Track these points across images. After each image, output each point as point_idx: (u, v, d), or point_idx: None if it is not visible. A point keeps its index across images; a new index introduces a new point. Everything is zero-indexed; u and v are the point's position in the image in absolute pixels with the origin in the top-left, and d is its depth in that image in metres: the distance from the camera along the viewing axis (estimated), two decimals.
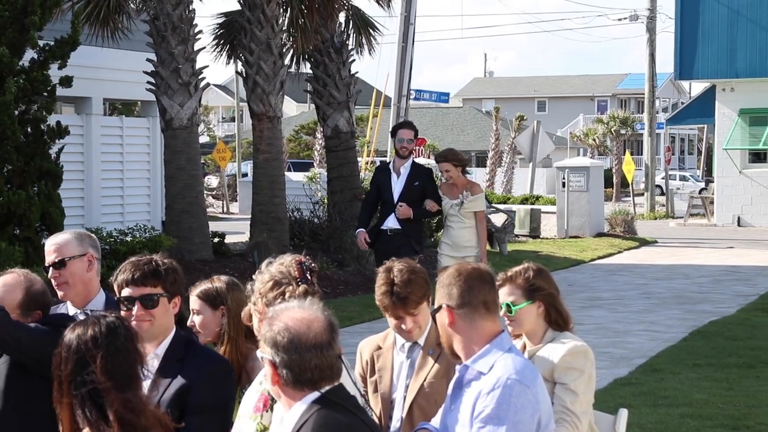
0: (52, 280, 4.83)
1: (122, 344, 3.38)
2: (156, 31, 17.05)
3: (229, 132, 71.63)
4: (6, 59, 13.54)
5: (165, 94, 17.00)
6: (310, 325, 3.29)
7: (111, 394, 3.28)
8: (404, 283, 4.54)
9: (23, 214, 13.63)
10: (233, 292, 4.77)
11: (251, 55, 17.82)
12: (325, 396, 3.27)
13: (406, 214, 10.97)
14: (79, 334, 3.36)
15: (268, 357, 3.30)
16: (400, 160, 11.17)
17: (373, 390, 4.78)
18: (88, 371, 3.30)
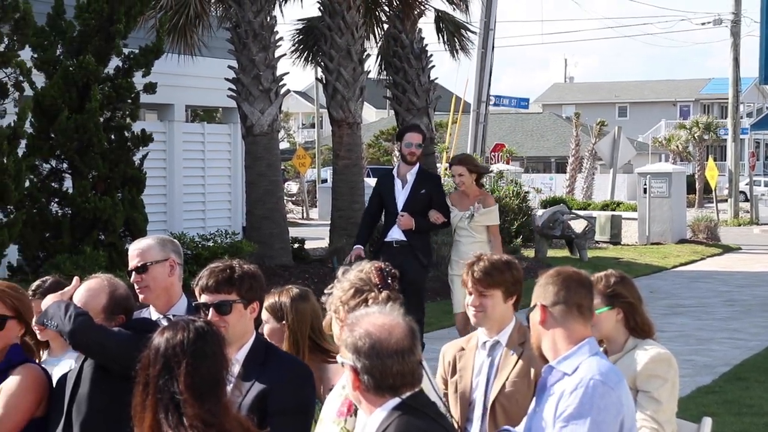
0: (134, 285, 4.89)
1: (210, 350, 3.40)
2: (237, 39, 17.21)
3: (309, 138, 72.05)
4: (92, 67, 13.78)
5: (246, 101, 17.15)
6: (391, 331, 3.29)
7: (188, 405, 3.30)
8: (489, 261, 4.64)
9: (108, 220, 13.85)
10: (297, 306, 4.79)
11: (331, 61, 17.89)
12: (405, 402, 3.26)
13: (407, 225, 10.00)
14: (168, 338, 3.39)
15: (349, 363, 3.30)
16: (406, 166, 10.20)
17: (453, 391, 4.77)
18: (172, 376, 3.33)
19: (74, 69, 13.89)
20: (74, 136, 13.65)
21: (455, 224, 9.93)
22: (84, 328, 4.28)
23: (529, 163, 59.54)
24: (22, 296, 4.62)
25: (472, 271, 4.65)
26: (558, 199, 29.27)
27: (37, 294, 4.96)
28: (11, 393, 4.41)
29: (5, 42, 12.66)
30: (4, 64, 12.65)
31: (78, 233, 13.82)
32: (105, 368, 4.31)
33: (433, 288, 16.48)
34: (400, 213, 9.98)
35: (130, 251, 4.94)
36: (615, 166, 32.13)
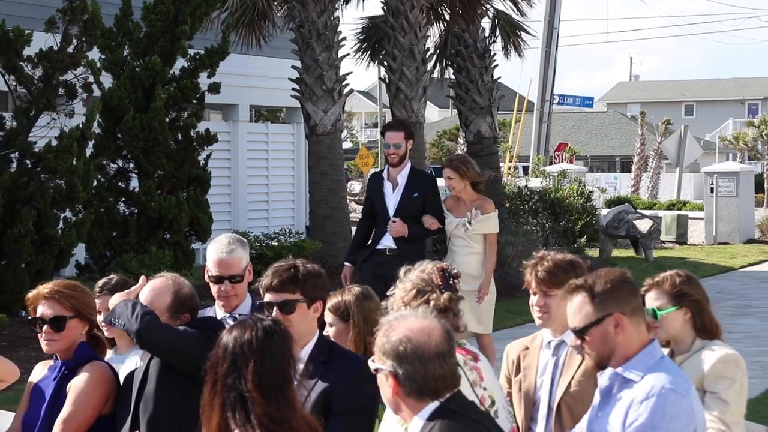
0: (219, 290, 4.94)
1: (277, 348, 3.42)
2: (301, 39, 17.28)
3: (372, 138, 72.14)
4: (158, 68, 13.93)
5: (309, 101, 17.21)
6: (430, 335, 3.26)
7: (256, 403, 3.31)
8: (553, 261, 4.58)
9: (173, 219, 13.98)
10: (362, 303, 4.77)
11: (394, 61, 17.89)
12: (445, 405, 3.24)
13: (399, 232, 9.03)
14: (236, 337, 3.40)
15: (387, 368, 3.27)
16: (394, 168, 9.21)
17: (517, 390, 4.75)
18: (240, 374, 3.34)
19: (141, 70, 14.05)
20: (140, 136, 13.80)
21: (450, 232, 9.02)
22: (150, 327, 4.32)
23: (593, 162, 59.07)
24: (81, 294, 4.67)
25: (536, 271, 4.61)
26: (623, 198, 29.02)
27: (104, 291, 5.02)
28: (80, 390, 4.47)
29: (74, 43, 12.84)
30: (73, 65, 12.83)
31: (144, 232, 13.98)
32: (171, 366, 4.34)
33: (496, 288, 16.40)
34: (392, 219, 9.05)
35: (223, 257, 4.99)
36: (681, 165, 31.77)
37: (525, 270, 4.71)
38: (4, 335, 11.40)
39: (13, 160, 12.79)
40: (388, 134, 9.18)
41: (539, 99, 33.05)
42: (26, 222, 12.30)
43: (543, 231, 20.44)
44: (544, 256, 4.65)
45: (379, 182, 9.29)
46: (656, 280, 4.52)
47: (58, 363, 4.62)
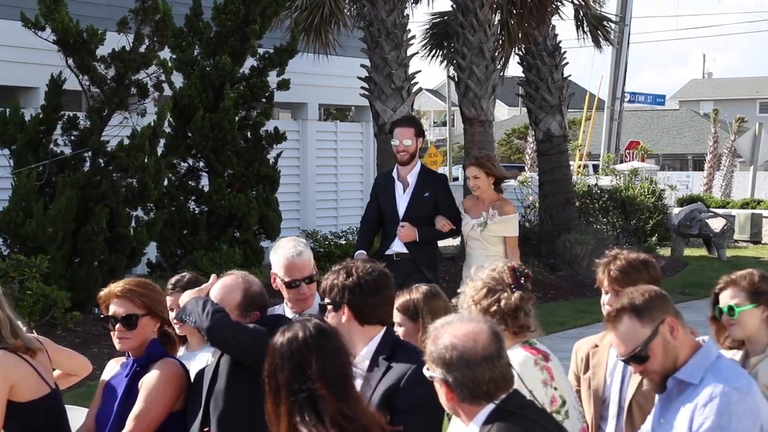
0: (298, 293, 4.97)
1: (332, 344, 3.42)
2: (370, 37, 17.30)
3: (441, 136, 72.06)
4: (228, 67, 14.03)
5: (378, 99, 17.22)
6: (476, 339, 3.24)
7: (327, 401, 3.31)
8: (626, 260, 4.54)
9: (243, 217, 14.08)
10: (430, 302, 4.74)
11: (463, 59, 17.84)
12: (501, 408, 3.22)
13: (409, 237, 8.51)
14: (290, 339, 3.40)
15: (439, 376, 3.26)
16: (404, 168, 8.72)
17: (586, 387, 4.70)
18: (305, 376, 3.34)
19: (211, 69, 14.17)
20: (210, 135, 13.92)
21: (466, 234, 8.50)
22: (221, 325, 4.35)
23: (665, 160, 58.41)
24: (152, 292, 4.71)
25: (608, 269, 4.57)
26: (695, 197, 28.63)
27: (176, 288, 5.06)
28: (151, 387, 4.51)
29: (146, 43, 12.98)
30: (145, 65, 12.98)
31: (214, 230, 14.09)
32: (241, 363, 4.36)
33: (566, 287, 16.31)
34: (401, 224, 8.51)
35: (300, 260, 5.05)
36: (756, 163, 31.28)
37: (597, 269, 4.67)
38: (78, 332, 11.55)
39: (86, 159, 12.96)
40: (397, 131, 8.64)
41: (610, 97, 32.74)
42: (99, 220, 12.46)
43: (613, 230, 20.26)
44: (617, 255, 4.61)
45: (388, 183, 8.74)
46: (732, 277, 4.45)
47: (130, 360, 4.67)
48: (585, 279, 16.25)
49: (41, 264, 11.47)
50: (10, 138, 12.61)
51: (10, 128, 12.59)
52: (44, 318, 11.10)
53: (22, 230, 12.07)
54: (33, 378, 4.62)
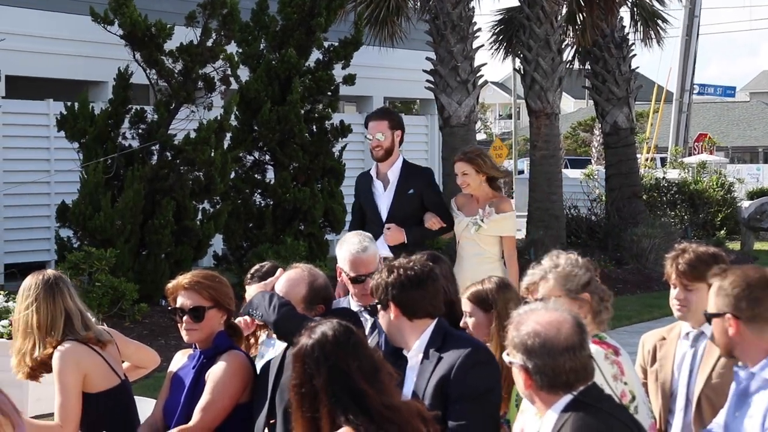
0: (363, 289, 4.98)
1: (360, 340, 3.46)
2: (435, 30, 17.26)
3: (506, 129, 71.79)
4: (293, 60, 14.08)
5: (443, 92, 17.18)
6: (559, 328, 3.23)
7: (369, 394, 3.31)
8: (695, 253, 4.47)
9: (308, 211, 14.12)
10: (503, 293, 4.70)
11: (529, 51, 17.74)
12: (579, 399, 3.21)
13: (396, 240, 7.54)
14: (321, 342, 3.42)
15: (519, 362, 3.25)
16: (382, 164, 7.85)
17: (653, 380, 4.65)
18: (344, 376, 3.34)
19: (276, 62, 14.22)
20: (276, 129, 13.98)
21: (459, 233, 7.66)
22: (287, 318, 4.37)
23: (734, 153, 57.58)
24: (219, 284, 4.73)
25: (677, 263, 4.51)
26: (765, 189, 28.20)
27: (255, 278, 5.09)
28: (218, 379, 4.54)
29: (213, 37, 13.07)
30: (212, 58, 13.07)
31: (279, 224, 14.16)
32: None
33: (633, 281, 16.18)
34: (386, 226, 7.60)
35: (364, 257, 5.08)
36: None
37: (665, 262, 4.61)
38: (145, 324, 11.68)
39: (153, 152, 13.09)
40: (370, 124, 7.83)
41: (678, 89, 32.38)
42: (166, 213, 12.58)
43: (681, 223, 20.04)
44: (686, 249, 4.54)
45: (367, 182, 7.87)
46: None
47: (197, 352, 4.70)
48: (652, 273, 16.09)
49: (110, 256, 11.61)
50: (80, 131, 12.77)
51: (80, 122, 12.76)
52: (112, 310, 11.23)
53: (91, 223, 12.22)
54: (103, 369, 4.67)
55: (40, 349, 4.64)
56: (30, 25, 14.81)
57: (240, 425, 4.55)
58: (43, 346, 4.64)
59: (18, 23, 14.30)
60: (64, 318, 4.65)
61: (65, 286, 4.71)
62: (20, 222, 14.86)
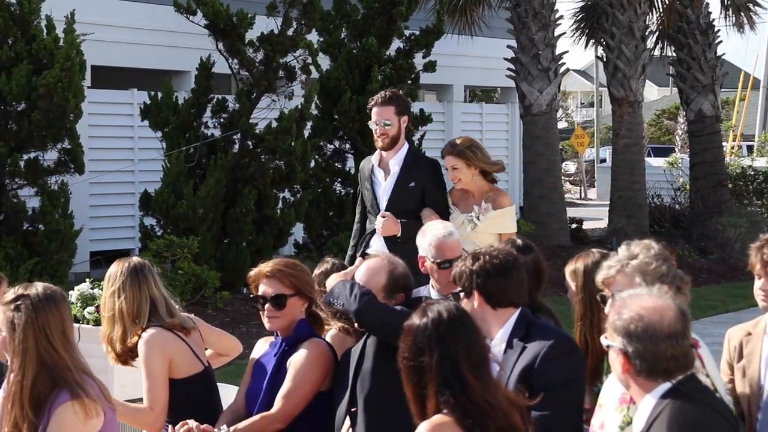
0: (446, 275, 4.97)
1: (474, 326, 3.44)
2: (517, 18, 17.17)
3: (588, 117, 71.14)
4: (374, 49, 14.10)
5: (525, 81, 17.09)
6: (663, 314, 3.20)
7: (473, 383, 3.30)
8: None
9: None
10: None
11: (612, 39, 17.56)
12: (677, 387, 3.17)
13: (389, 230, 6.99)
14: (435, 321, 3.39)
15: (618, 346, 3.22)
16: (387, 153, 7.23)
17: (741, 376, 4.56)
18: (452, 359, 3.33)
19: (357, 51, 14.25)
20: (356, 118, 14.00)
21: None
22: (368, 307, 4.37)
23: None
24: (301, 272, 4.75)
25: (762, 253, 4.42)
26: None
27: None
28: (299, 366, 4.56)
29: (294, 26, 13.13)
30: (292, 48, 13.13)
31: None
32: (388, 344, 4.37)
33: (717, 270, 15.96)
34: (381, 213, 7.07)
35: (450, 241, 5.09)
36: None
37: (750, 252, 4.52)
38: (227, 312, 11.79)
39: (235, 141, 13.20)
40: (375, 110, 7.17)
41: (766, 75, 31.82)
42: (248, 202, 12.68)
43: None
44: None
45: (369, 170, 7.31)
46: None
47: (278, 339, 4.73)
48: (738, 262, 15.83)
49: (192, 244, 11.74)
50: (163, 121, 12.93)
51: (163, 111, 12.92)
52: (195, 297, 11.35)
53: (173, 211, 12.37)
54: (188, 356, 4.72)
55: (127, 335, 4.71)
56: (115, 16, 15.03)
57: (321, 413, 4.56)
58: (130, 332, 4.70)
59: (103, 14, 14.51)
60: (149, 305, 4.71)
61: (150, 273, 4.77)
62: (105, 210, 15.09)
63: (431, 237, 5.13)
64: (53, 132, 11.34)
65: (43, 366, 3.71)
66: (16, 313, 3.75)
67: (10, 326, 3.76)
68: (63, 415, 3.67)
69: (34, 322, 3.72)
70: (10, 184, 11.50)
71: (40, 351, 3.72)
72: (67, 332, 3.82)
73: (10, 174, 11.39)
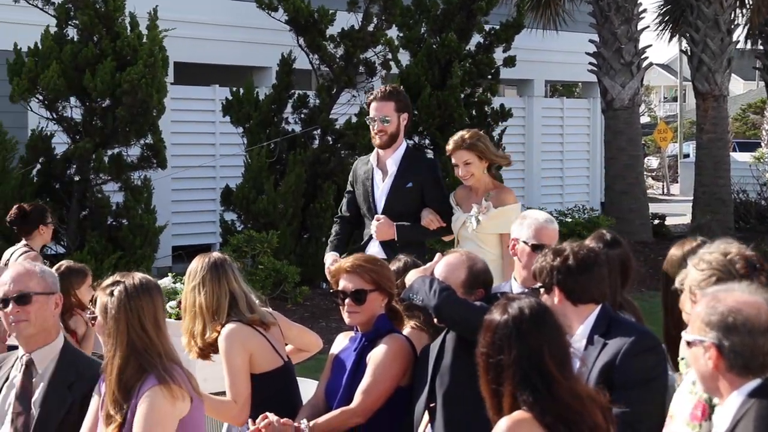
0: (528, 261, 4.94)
1: (556, 322, 3.39)
2: (599, 12, 17.01)
3: (671, 112, 70.24)
4: (454, 44, 14.05)
5: (606, 75, 16.93)
6: (759, 309, 3.12)
7: (557, 380, 3.26)
8: None
9: None
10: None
11: (697, 32, 17.31)
12: (766, 384, 3.09)
13: (384, 234, 6.60)
14: (516, 318, 3.34)
15: (710, 340, 3.13)
16: (384, 151, 6.74)
17: None
18: (534, 356, 3.29)
19: (437, 47, 14.22)
20: (436, 113, 13.97)
21: (457, 231, 6.62)
22: (448, 303, 4.35)
23: None
24: (381, 268, 4.75)
25: None
26: None
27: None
28: (379, 362, 4.55)
29: (374, 22, 13.14)
30: (373, 43, 13.14)
31: None
32: (467, 340, 4.34)
33: None
34: (376, 216, 6.67)
35: (551, 228, 5.06)
36: None
37: None
38: (306, 306, 11.84)
39: (315, 136, 13.25)
40: (374, 105, 6.71)
41: None
42: (327, 197, 12.73)
43: None
44: None
45: (366, 171, 6.85)
46: None
47: (358, 334, 4.73)
48: None
49: (272, 239, 11.81)
50: (244, 116, 13.03)
51: (244, 107, 13.02)
52: (275, 292, 11.42)
53: (254, 206, 12.46)
54: (268, 351, 4.75)
55: (206, 330, 4.74)
56: (197, 13, 15.18)
57: (400, 408, 4.56)
58: (209, 327, 4.74)
59: (185, 11, 14.67)
60: (229, 300, 4.74)
61: (230, 268, 4.80)
62: (187, 205, 15.25)
63: (532, 219, 5.07)
64: (137, 128, 11.50)
65: (134, 351, 3.84)
66: (110, 298, 3.90)
67: (104, 310, 3.91)
68: (152, 397, 3.78)
69: (126, 307, 3.86)
70: (94, 179, 11.68)
71: (132, 336, 3.84)
72: (160, 320, 3.94)
73: (95, 169, 11.58)
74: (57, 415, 4.09)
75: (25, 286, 4.21)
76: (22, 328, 4.21)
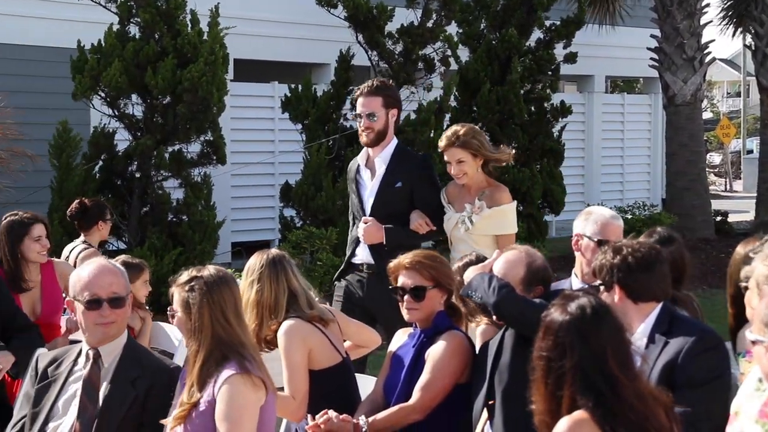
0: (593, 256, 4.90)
1: (618, 321, 3.33)
2: (661, 7, 16.85)
3: (734, 107, 69.37)
4: (514, 40, 14.00)
5: (668, 70, 16.77)
6: None
7: (622, 381, 3.21)
8: None
9: (526, 192, 14.03)
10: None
11: (761, 27, 17.09)
12: None
13: (372, 238, 6.24)
14: (578, 319, 3.28)
15: None
16: (373, 150, 6.37)
17: None
18: (597, 359, 3.24)
19: (497, 42, 14.17)
20: (495, 109, 13.93)
21: (449, 232, 6.26)
22: (507, 300, 4.33)
23: None
24: (440, 264, 4.75)
25: None
26: None
27: None
28: (438, 358, 4.55)
29: (434, 18, 13.12)
30: (432, 39, 13.12)
31: None
32: (526, 338, 4.32)
33: None
34: (364, 219, 6.30)
35: (616, 224, 5.03)
36: None
37: None
38: None
39: None
40: (360, 101, 6.36)
41: None
42: None
43: None
44: None
45: (355, 171, 6.49)
46: None
47: (417, 331, 4.73)
48: None
49: (331, 236, 11.84)
50: (303, 113, 13.08)
51: (303, 104, 13.06)
52: (333, 289, 11.43)
53: (313, 203, 12.50)
54: (327, 347, 4.76)
55: (263, 326, 4.76)
56: (256, 10, 15.26)
57: (459, 405, 4.55)
58: (266, 323, 4.76)
59: (245, 8, 14.75)
60: (288, 296, 4.76)
61: (288, 265, 4.81)
62: (246, 202, 15.35)
63: (597, 215, 5.04)
64: (197, 125, 11.58)
65: (219, 342, 3.89)
66: (190, 293, 3.94)
67: (185, 306, 3.95)
68: (235, 384, 3.84)
69: (209, 300, 3.90)
70: (155, 175, 11.79)
71: (216, 328, 3.90)
72: (239, 310, 4.00)
73: (156, 166, 11.68)
74: (119, 412, 4.12)
75: (118, 288, 4.24)
76: (111, 330, 4.23)
